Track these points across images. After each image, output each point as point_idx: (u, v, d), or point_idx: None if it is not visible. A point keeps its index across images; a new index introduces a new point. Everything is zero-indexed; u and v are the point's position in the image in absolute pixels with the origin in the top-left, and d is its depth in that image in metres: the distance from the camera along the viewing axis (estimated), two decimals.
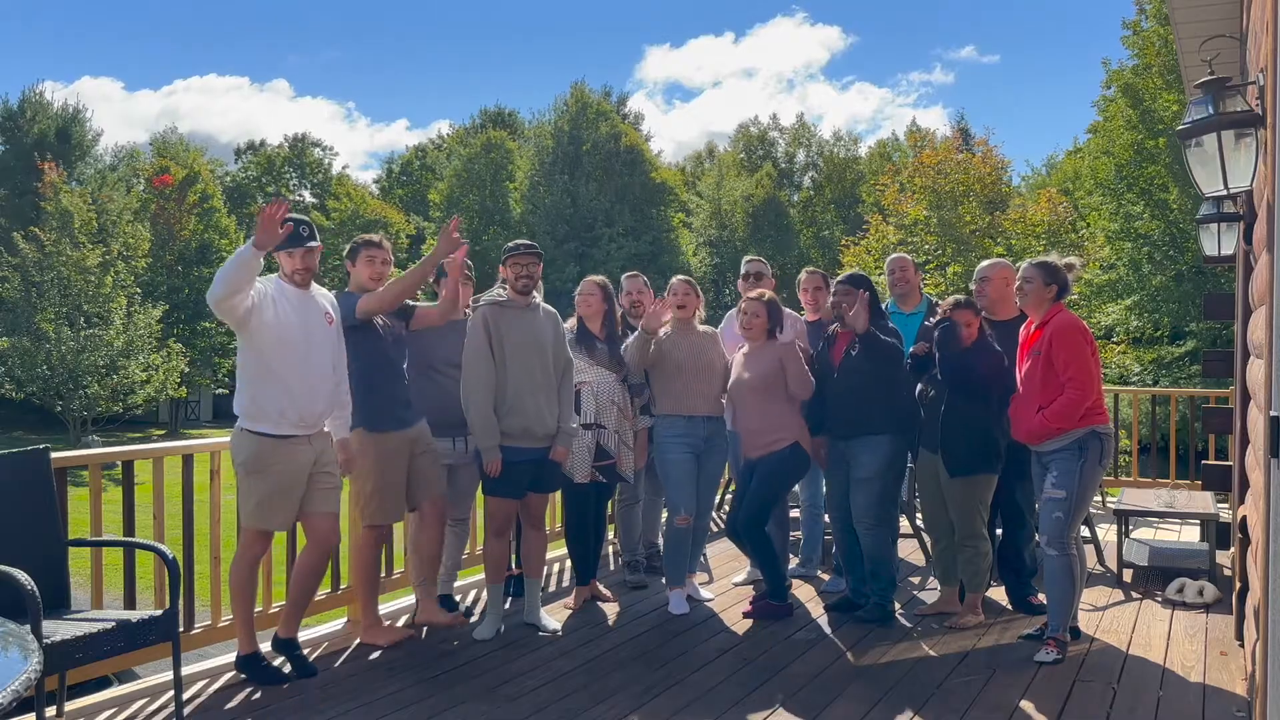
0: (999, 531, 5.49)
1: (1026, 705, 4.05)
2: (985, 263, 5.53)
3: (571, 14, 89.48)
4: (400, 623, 5.06)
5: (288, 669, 4.35)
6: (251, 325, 4.09)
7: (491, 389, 4.73)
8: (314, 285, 4.40)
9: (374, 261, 4.78)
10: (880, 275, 6.60)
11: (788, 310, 5.96)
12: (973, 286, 5.48)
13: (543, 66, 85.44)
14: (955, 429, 4.97)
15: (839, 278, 5.41)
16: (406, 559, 5.18)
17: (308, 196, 52.14)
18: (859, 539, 5.24)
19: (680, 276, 5.55)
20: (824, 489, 5.85)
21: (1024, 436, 4.71)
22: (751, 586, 5.81)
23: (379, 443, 4.63)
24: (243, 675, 4.28)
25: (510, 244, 5.00)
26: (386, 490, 4.69)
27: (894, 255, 6.53)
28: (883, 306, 5.87)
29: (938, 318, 5.05)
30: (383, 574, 5.11)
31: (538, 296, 4.98)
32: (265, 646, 4.48)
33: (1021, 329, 4.86)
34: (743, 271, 6.08)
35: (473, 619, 5.16)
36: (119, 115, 75.49)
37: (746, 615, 5.24)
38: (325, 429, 4.39)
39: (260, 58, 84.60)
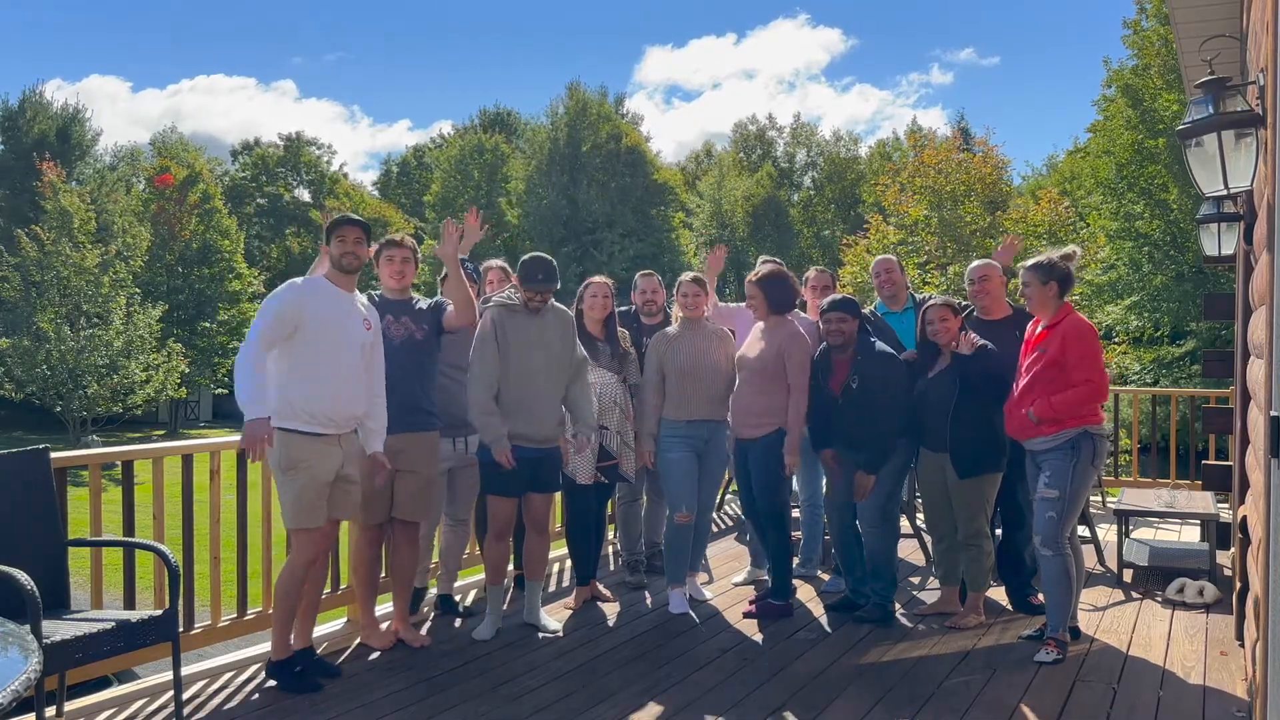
0: (998, 532, 5.49)
1: (1026, 705, 4.05)
2: (978, 262, 5.51)
3: (573, 14, 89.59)
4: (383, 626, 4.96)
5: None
6: (290, 337, 4.10)
7: (493, 389, 4.72)
8: (356, 291, 4.36)
9: (393, 260, 4.71)
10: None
11: (802, 315, 5.87)
12: (968, 287, 5.46)
13: (544, 67, 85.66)
14: (964, 432, 4.95)
15: (826, 302, 5.23)
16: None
17: (305, 196, 52.08)
18: (861, 538, 5.24)
19: (690, 274, 5.54)
20: (824, 489, 5.85)
21: (1016, 432, 4.71)
22: (752, 586, 5.81)
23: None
24: (271, 681, 4.24)
25: (530, 264, 4.81)
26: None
27: (879, 258, 6.53)
28: (870, 309, 5.88)
29: (971, 348, 4.99)
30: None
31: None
32: (253, 650, 4.50)
33: (1029, 326, 4.85)
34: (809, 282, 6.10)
35: (472, 619, 5.16)
36: (124, 114, 75.58)
37: (747, 615, 5.24)
38: (355, 433, 4.34)
39: (267, 59, 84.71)
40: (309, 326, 4.11)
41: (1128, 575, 6.06)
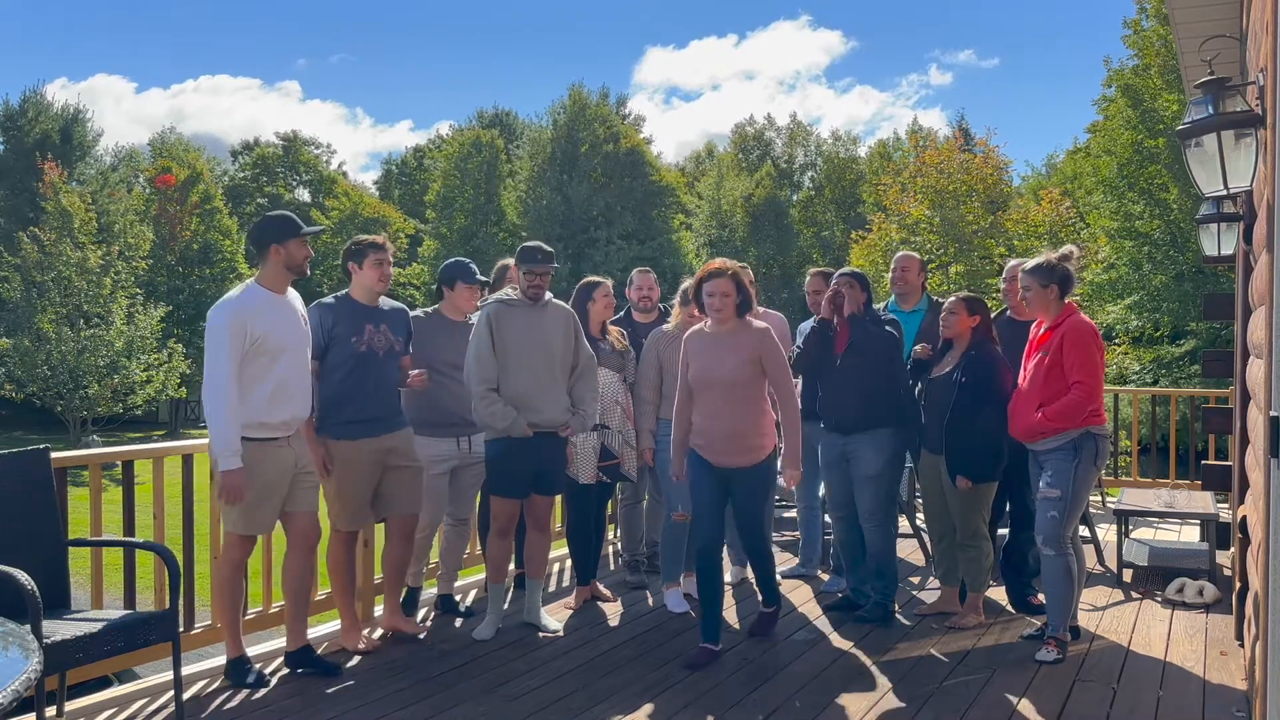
0: (1002, 532, 5.48)
1: (1026, 705, 4.05)
2: (1015, 261, 5.54)
3: (573, 14, 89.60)
4: (376, 633, 4.94)
5: (278, 675, 4.34)
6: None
7: (492, 384, 4.72)
8: (290, 289, 4.32)
9: (381, 264, 4.68)
10: (888, 273, 6.57)
11: (766, 310, 5.85)
12: (1003, 284, 5.51)
13: (544, 67, 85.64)
14: (960, 439, 4.93)
15: (840, 270, 5.36)
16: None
17: (305, 196, 52.03)
18: (864, 537, 5.21)
19: (691, 280, 5.50)
20: (822, 489, 5.84)
21: (1020, 434, 4.71)
22: (730, 589, 5.77)
23: (338, 450, 4.56)
24: (229, 681, 4.25)
25: (529, 247, 4.89)
26: (342, 496, 4.60)
27: (901, 253, 6.48)
28: (880, 305, 5.87)
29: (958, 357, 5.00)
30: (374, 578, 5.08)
31: (548, 294, 4.97)
32: (253, 650, 4.50)
33: (1032, 327, 4.85)
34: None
35: (472, 619, 5.16)
36: (128, 114, 75.48)
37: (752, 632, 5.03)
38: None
39: (271, 60, 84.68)
40: (258, 340, 4.08)
41: (1128, 575, 6.06)
